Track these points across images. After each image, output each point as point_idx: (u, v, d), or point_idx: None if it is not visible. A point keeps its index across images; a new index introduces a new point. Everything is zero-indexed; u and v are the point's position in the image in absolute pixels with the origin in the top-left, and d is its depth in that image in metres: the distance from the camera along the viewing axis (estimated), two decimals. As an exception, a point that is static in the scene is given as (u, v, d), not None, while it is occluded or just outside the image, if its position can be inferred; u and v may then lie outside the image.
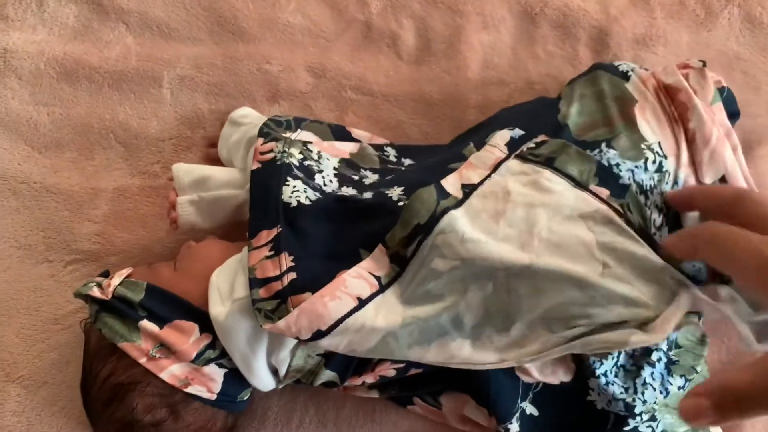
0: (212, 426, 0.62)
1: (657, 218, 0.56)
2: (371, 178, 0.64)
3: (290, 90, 0.79)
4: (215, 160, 0.74)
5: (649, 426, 0.58)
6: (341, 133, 0.70)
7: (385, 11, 0.82)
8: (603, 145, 0.57)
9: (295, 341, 0.58)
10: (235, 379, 0.61)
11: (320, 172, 0.62)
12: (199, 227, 0.68)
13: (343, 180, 0.63)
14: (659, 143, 0.58)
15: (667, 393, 0.58)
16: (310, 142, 0.65)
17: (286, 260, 0.56)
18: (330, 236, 0.57)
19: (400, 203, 0.56)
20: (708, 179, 0.58)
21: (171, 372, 0.59)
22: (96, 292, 0.61)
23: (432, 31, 0.81)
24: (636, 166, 0.56)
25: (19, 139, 0.79)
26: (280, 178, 0.59)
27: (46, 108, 0.79)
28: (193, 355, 0.59)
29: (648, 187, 0.56)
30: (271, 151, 0.61)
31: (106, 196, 0.76)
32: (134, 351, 0.59)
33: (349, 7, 0.82)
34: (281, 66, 0.80)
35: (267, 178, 0.60)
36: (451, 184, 0.57)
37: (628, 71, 0.63)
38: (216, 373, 0.61)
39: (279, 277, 0.55)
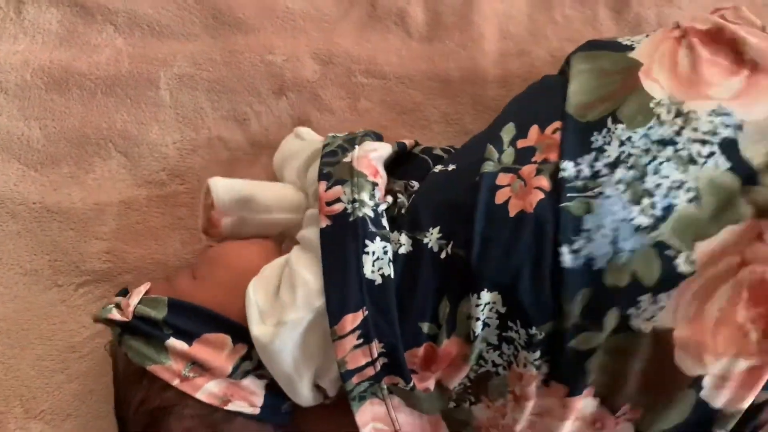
0: None
1: (702, 149, 0.52)
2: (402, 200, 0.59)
3: (297, 80, 0.74)
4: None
5: None
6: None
7: (390, -13, 0.77)
8: (609, 121, 0.54)
9: None
10: (277, 388, 0.58)
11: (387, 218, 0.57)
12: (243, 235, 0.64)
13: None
14: (669, 97, 0.54)
15: None
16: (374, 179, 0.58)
17: (377, 347, 0.53)
18: (406, 310, 0.54)
19: (442, 255, 0.53)
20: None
21: (208, 391, 0.55)
22: (116, 315, 0.57)
23: (441, 4, 0.76)
24: (649, 128, 0.53)
25: (12, 158, 0.73)
26: (358, 244, 0.53)
27: (37, 122, 0.74)
28: (230, 369, 0.56)
29: (670, 136, 0.52)
30: (339, 200, 0.55)
31: (113, 211, 0.71)
32: (165, 373, 0.55)
33: (351, -14, 0.78)
34: (285, 55, 0.75)
35: (341, 243, 0.54)
36: None
37: (631, 44, 0.60)
38: (256, 385, 0.57)
39: (371, 363, 0.54)
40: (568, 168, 0.52)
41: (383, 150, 0.61)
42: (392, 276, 0.54)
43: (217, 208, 0.62)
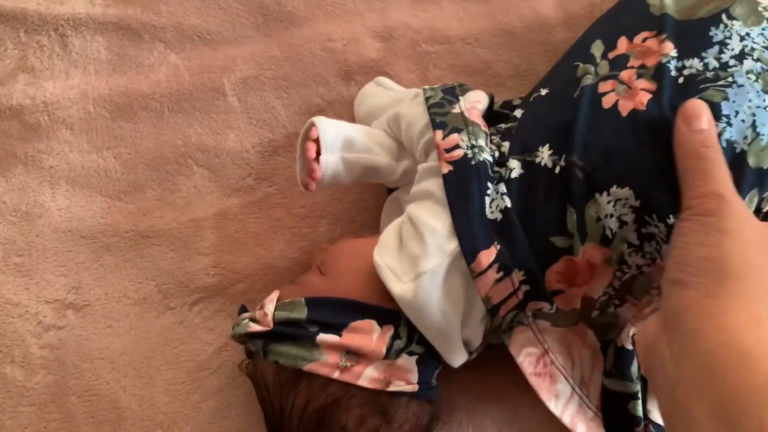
0: (422, 419, 0.58)
1: None
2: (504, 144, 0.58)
3: (362, 62, 0.74)
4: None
5: None
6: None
7: (433, -47, 0.76)
8: (724, 17, 0.53)
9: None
10: (426, 362, 0.58)
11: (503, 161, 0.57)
12: (339, 183, 0.62)
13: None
14: None
15: None
16: (485, 129, 0.58)
17: (518, 276, 0.54)
18: (534, 230, 0.54)
19: (557, 169, 0.53)
20: None
21: (368, 376, 0.55)
22: (255, 327, 0.56)
23: (489, -39, 0.76)
24: (763, 28, 0.53)
25: (94, 192, 0.72)
26: (481, 185, 0.54)
27: (110, 151, 0.73)
28: (384, 350, 0.55)
29: None
30: (457, 146, 0.55)
31: (209, 225, 0.70)
32: (323, 369, 0.55)
33: (394, -40, 0.77)
34: (344, 40, 0.74)
35: (466, 185, 0.54)
36: None
37: None
38: (409, 363, 0.57)
39: (514, 293, 0.54)
40: (694, 64, 0.52)
41: (484, 102, 0.62)
42: (509, 206, 0.54)
43: (323, 144, 0.59)
